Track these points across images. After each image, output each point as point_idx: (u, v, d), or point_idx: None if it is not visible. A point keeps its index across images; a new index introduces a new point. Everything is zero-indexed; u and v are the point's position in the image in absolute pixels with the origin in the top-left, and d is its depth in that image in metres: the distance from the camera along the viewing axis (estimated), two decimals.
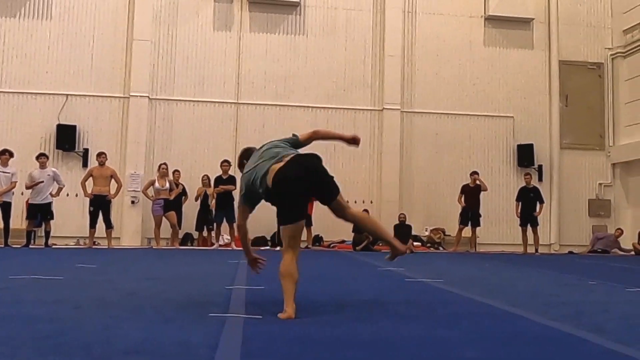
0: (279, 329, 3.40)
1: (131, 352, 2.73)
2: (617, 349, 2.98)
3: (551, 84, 16.04)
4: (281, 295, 5.10)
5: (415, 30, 15.68)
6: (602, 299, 5.38)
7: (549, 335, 3.41)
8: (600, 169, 16.22)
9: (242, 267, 7.70)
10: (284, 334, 3.27)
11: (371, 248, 13.43)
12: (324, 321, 3.73)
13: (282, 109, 15.01)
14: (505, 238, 15.10)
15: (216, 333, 3.15)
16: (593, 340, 3.20)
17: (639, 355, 2.83)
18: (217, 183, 13.35)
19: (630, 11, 16.05)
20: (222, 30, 14.99)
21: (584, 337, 3.30)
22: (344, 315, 3.99)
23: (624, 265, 10.34)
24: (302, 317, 3.87)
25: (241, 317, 3.72)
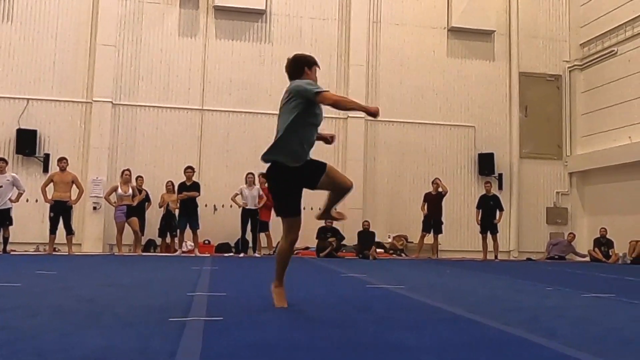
0: (239, 334, 3.41)
1: (88, 359, 2.72)
2: (569, 352, 3.07)
3: (511, 94, 16.43)
4: (243, 300, 5.18)
5: (379, 40, 15.89)
6: (557, 304, 5.53)
7: (505, 340, 3.50)
8: (557, 178, 16.66)
9: (204, 274, 7.71)
10: (244, 339, 3.28)
11: (334, 254, 13.54)
12: (285, 326, 3.76)
13: (247, 115, 15.03)
14: (466, 245, 15.38)
15: (176, 339, 3.15)
16: (546, 345, 3.29)
17: (589, 358, 2.93)
18: (180, 189, 13.29)
19: (587, 25, 16.56)
20: (187, 37, 14.97)
21: (538, 341, 3.38)
22: (305, 321, 4.02)
23: (579, 272, 10.62)
24: (263, 322, 3.90)
25: (201, 323, 3.70)
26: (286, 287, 4.78)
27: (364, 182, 15.16)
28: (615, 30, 15.46)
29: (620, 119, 15.14)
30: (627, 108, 14.92)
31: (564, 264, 13.48)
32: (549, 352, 3.14)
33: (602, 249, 14.79)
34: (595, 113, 16.14)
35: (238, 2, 14.95)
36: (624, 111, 15.01)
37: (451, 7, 16.10)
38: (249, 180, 13.43)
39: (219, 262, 10.66)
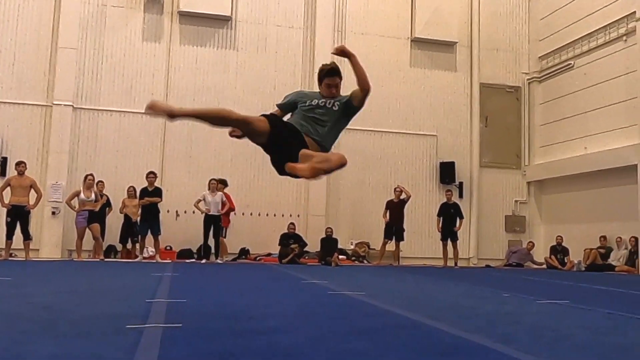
0: (198, 342, 3.38)
1: None
2: (524, 358, 3.12)
3: (472, 105, 16.77)
4: (203, 307, 5.11)
5: None
6: (514, 310, 5.62)
7: (461, 346, 3.52)
8: (516, 187, 17.04)
9: (165, 280, 7.65)
10: (203, 346, 3.25)
11: (297, 261, 13.57)
12: (244, 333, 3.74)
13: None
14: (427, 252, 15.58)
15: (132, 347, 3.09)
16: (502, 351, 3.33)
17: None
18: (142, 195, 13.16)
19: (545, 39, 17.03)
20: (151, 42, 14.85)
21: (494, 347, 3.41)
22: (265, 328, 3.99)
23: (536, 278, 10.82)
24: (224, 328, 3.87)
25: (160, 330, 3.65)
26: (249, 292, 4.74)
27: (327, 190, 15.23)
28: (572, 44, 15.94)
29: (576, 130, 15.58)
30: (583, 120, 15.38)
31: (521, 271, 13.77)
32: (504, 358, 3.17)
33: (558, 256, 15.16)
34: (553, 124, 16.58)
35: (203, 8, 14.91)
36: (580, 123, 15.46)
37: (415, 18, 16.35)
38: (212, 187, 13.38)
39: (181, 268, 10.57)
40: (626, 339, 3.99)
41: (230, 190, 14.22)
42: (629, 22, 14.07)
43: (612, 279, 11.02)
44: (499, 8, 17.29)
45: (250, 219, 14.93)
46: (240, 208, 14.77)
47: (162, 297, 5.52)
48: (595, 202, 14.95)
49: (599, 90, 14.92)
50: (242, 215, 14.84)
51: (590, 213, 15.06)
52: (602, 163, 14.35)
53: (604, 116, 14.68)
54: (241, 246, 14.64)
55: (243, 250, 14.63)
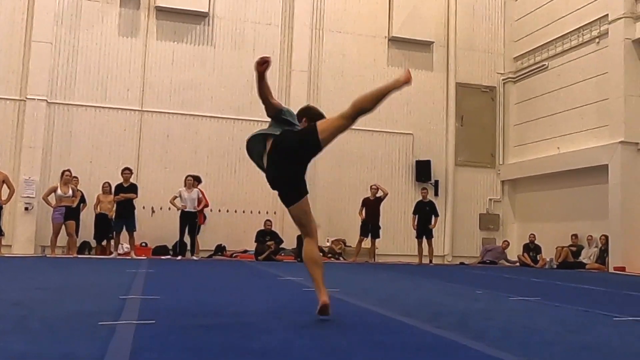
0: (171, 338, 3.37)
1: None
2: (495, 354, 3.18)
3: (448, 104, 16.93)
4: (177, 304, 5.11)
5: (322, 47, 16.07)
6: (487, 307, 5.71)
7: (434, 342, 3.58)
8: (490, 186, 17.25)
9: (139, 277, 7.61)
10: (176, 343, 3.24)
11: (273, 257, 13.59)
12: (218, 329, 3.74)
13: (187, 118, 14.90)
14: (402, 249, 15.70)
15: (104, 344, 3.07)
16: (474, 347, 3.38)
17: (514, 359, 3.05)
18: (117, 191, 13.05)
19: (520, 40, 17.26)
20: (127, 37, 14.71)
21: (466, 343, 3.47)
22: (240, 324, 4.00)
23: (509, 276, 11.01)
24: (198, 325, 3.87)
25: (132, 327, 3.62)
26: (224, 289, 4.75)
27: None
28: (547, 45, 16.18)
29: (549, 131, 15.83)
30: (556, 120, 15.62)
31: (494, 269, 13.95)
32: (476, 354, 3.23)
33: (530, 254, 15.40)
34: (527, 124, 16.82)
35: (180, 4, 14.82)
36: (553, 123, 15.71)
37: (392, 17, 16.45)
38: (188, 183, 13.32)
39: (156, 264, 10.52)
40: (595, 336, 4.09)
41: (207, 186, 14.17)
42: (602, 25, 14.32)
43: (583, 277, 11.21)
44: (475, 9, 17.47)
45: (227, 215, 14.90)
46: (217, 205, 14.73)
47: (136, 294, 5.49)
48: (567, 201, 15.22)
49: (572, 91, 15.18)
50: (219, 212, 14.80)
51: (562, 212, 15.33)
52: (574, 163, 14.60)
53: (577, 117, 14.94)
54: (217, 243, 14.61)
55: (219, 247, 14.60)
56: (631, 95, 13.26)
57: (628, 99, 13.25)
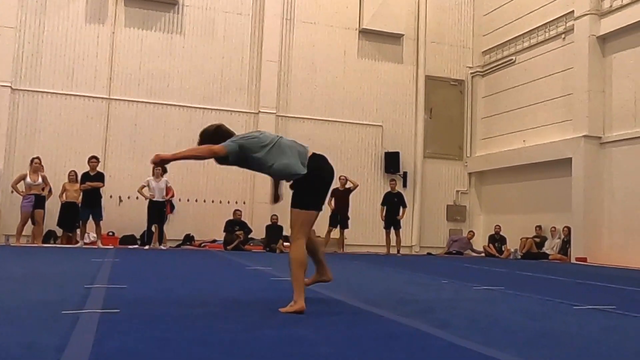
0: (135, 327, 3.34)
1: None
2: (458, 342, 3.25)
3: (417, 97, 17.08)
4: (143, 293, 5.07)
5: (292, 37, 16.05)
6: (451, 296, 5.81)
7: (399, 331, 3.62)
8: (458, 178, 17.50)
9: (105, 266, 7.54)
10: (140, 332, 3.21)
11: (242, 247, 13.59)
12: (184, 319, 3.72)
13: (156, 107, 14.75)
14: (371, 240, 15.83)
15: (67, 333, 3.02)
16: (438, 335, 3.45)
17: (476, 347, 3.13)
18: (84, 179, 12.87)
19: (489, 34, 17.48)
20: (94, 24, 14.46)
21: (430, 332, 3.54)
22: (206, 314, 3.99)
23: (475, 266, 11.19)
24: (163, 315, 3.85)
25: (96, 316, 3.58)
26: (192, 278, 4.72)
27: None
28: (514, 40, 16.43)
29: (516, 124, 16.10)
30: (523, 114, 15.90)
31: (461, 259, 14.18)
32: (440, 342, 3.29)
33: (495, 244, 15.70)
34: (494, 117, 17.08)
35: None
36: (520, 116, 15.98)
37: (363, 9, 16.51)
38: (157, 172, 13.20)
39: (123, 254, 10.43)
40: (555, 324, 4.19)
41: (176, 176, 14.08)
42: (568, 21, 14.60)
43: (546, 267, 11.45)
44: (445, 3, 17.63)
45: (196, 205, 14.83)
46: (186, 194, 14.65)
47: (101, 283, 5.43)
48: (532, 193, 15.53)
49: (538, 85, 15.46)
50: (187, 201, 14.72)
51: (527, 204, 15.64)
52: (539, 156, 14.90)
53: (542, 111, 15.22)
54: (186, 232, 14.54)
55: (187, 236, 14.53)
56: (594, 91, 13.56)
57: (592, 94, 13.55)
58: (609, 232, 13.20)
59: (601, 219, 13.33)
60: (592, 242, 13.32)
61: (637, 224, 12.47)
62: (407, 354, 3.02)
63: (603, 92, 13.56)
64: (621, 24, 13.06)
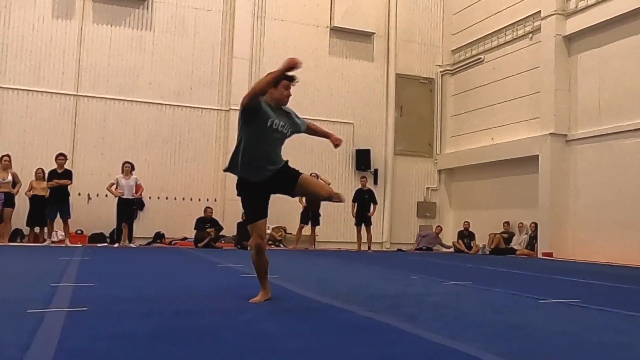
0: (102, 325, 3.31)
1: None
2: (425, 336, 3.32)
3: (388, 94, 17.20)
4: (111, 291, 5.00)
5: (263, 35, 16.01)
6: (420, 291, 5.88)
7: (367, 325, 3.67)
8: (428, 175, 17.69)
9: (73, 264, 7.46)
10: (106, 329, 3.20)
11: (213, 245, 13.53)
12: (152, 316, 3.71)
13: (125, 103, 14.59)
14: (342, 236, 15.93)
15: (32, 332, 3.00)
16: (405, 329, 3.51)
17: (442, 340, 3.19)
18: (51, 177, 12.66)
19: (458, 33, 17.68)
20: (62, 19, 14.22)
21: (399, 326, 3.59)
22: (175, 310, 3.97)
23: (444, 262, 11.34)
24: (129, 312, 3.82)
25: (63, 314, 3.55)
26: (162, 276, 4.70)
27: None
28: (483, 39, 16.65)
29: (484, 122, 16.33)
30: (491, 112, 16.13)
31: (430, 255, 14.35)
32: (407, 336, 3.34)
33: (464, 240, 15.91)
34: (463, 115, 17.30)
35: None
36: (488, 114, 16.22)
37: (334, 7, 16.55)
38: (126, 170, 13.07)
39: (91, 252, 10.31)
40: (521, 317, 4.27)
41: (146, 173, 13.98)
42: (535, 21, 14.85)
43: (513, 262, 11.68)
44: (415, 2, 17.78)
45: (166, 202, 14.72)
46: (156, 192, 14.54)
47: (68, 282, 5.38)
48: (500, 189, 15.78)
49: (506, 84, 15.70)
50: (158, 199, 14.60)
51: (496, 200, 15.88)
52: (507, 153, 15.14)
53: (510, 109, 15.47)
54: (156, 230, 14.42)
55: (158, 234, 14.42)
56: (561, 90, 13.83)
57: (558, 92, 13.81)
58: (574, 227, 13.49)
59: (566, 214, 13.61)
60: (558, 238, 13.59)
61: (601, 220, 12.76)
62: (375, 347, 3.05)
63: (569, 91, 13.83)
64: (586, 24, 13.34)
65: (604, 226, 12.66)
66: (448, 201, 17.72)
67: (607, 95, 12.94)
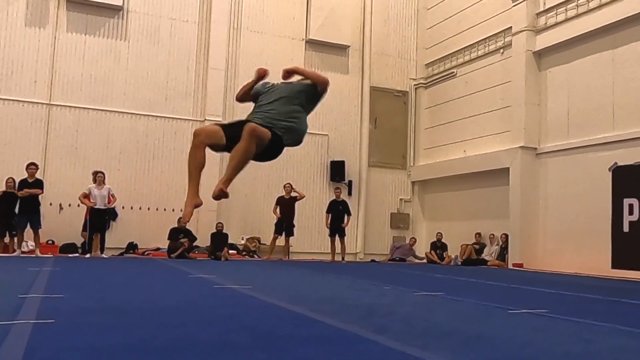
0: (70, 337, 3.27)
1: None
2: (395, 346, 3.32)
3: (362, 107, 17.36)
4: (81, 303, 4.89)
5: (239, 46, 16.06)
6: (391, 301, 5.90)
7: (337, 336, 3.66)
8: (401, 186, 17.85)
9: (42, 275, 7.36)
10: (74, 342, 3.15)
11: (186, 255, 13.46)
12: (121, 328, 3.67)
13: (99, 113, 14.48)
14: (316, 247, 15.96)
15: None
16: (375, 340, 3.50)
17: (412, 351, 3.20)
18: (21, 186, 12.50)
19: (431, 48, 17.94)
20: (35, 27, 14.09)
21: (369, 337, 3.59)
22: (144, 322, 3.94)
23: (416, 272, 11.41)
24: (100, 323, 3.78)
25: (29, 326, 3.48)
26: (134, 287, 4.64)
27: None
28: (456, 54, 16.91)
29: (457, 134, 16.56)
30: (463, 125, 16.37)
31: (403, 265, 14.45)
32: (377, 347, 3.34)
33: (437, 251, 16.06)
34: (437, 128, 17.51)
35: None
36: (461, 127, 16.45)
37: (310, 20, 16.69)
38: (99, 179, 12.96)
39: (62, 262, 10.19)
40: (490, 327, 4.32)
41: (119, 183, 13.88)
42: (506, 36, 15.15)
43: (484, 273, 11.80)
44: (390, 16, 18.01)
45: (139, 213, 14.61)
46: (129, 202, 14.43)
47: (37, 293, 5.29)
48: (472, 201, 15.98)
49: (478, 98, 15.96)
50: (131, 209, 14.49)
51: (468, 211, 16.08)
52: (479, 165, 15.36)
53: (482, 122, 15.72)
54: (129, 240, 14.30)
55: (131, 244, 14.29)
56: (531, 104, 14.11)
57: (528, 106, 14.09)
58: (543, 238, 13.72)
59: (536, 226, 13.84)
60: (528, 249, 13.80)
61: (569, 231, 13.00)
62: (344, 358, 3.06)
63: (539, 105, 14.12)
64: (555, 41, 13.64)
65: (572, 237, 12.89)
66: (421, 212, 17.89)
67: (575, 109, 13.24)
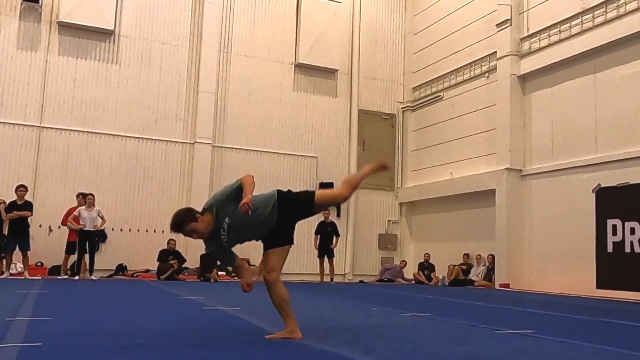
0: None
1: None
2: None
3: (351, 129, 17.57)
4: (68, 326, 4.86)
5: (229, 69, 16.25)
6: (379, 323, 5.91)
7: (325, 358, 3.65)
8: (389, 208, 17.99)
9: (30, 297, 7.32)
10: None
11: (175, 277, 13.47)
12: (108, 350, 3.65)
13: (89, 135, 14.57)
14: (305, 268, 15.98)
15: None
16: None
17: None
18: (10, 208, 12.50)
19: (418, 72, 18.25)
20: (26, 50, 14.22)
21: (356, 358, 3.56)
22: (132, 345, 3.91)
23: (404, 293, 11.45)
24: (85, 346, 3.78)
25: (16, 350, 3.43)
26: (123, 309, 4.55)
27: None
28: (442, 78, 17.21)
29: (444, 157, 16.78)
30: (450, 147, 16.60)
31: (392, 286, 14.47)
32: None
33: (425, 272, 16.15)
34: (424, 150, 17.74)
35: (84, 20, 14.53)
36: (447, 150, 16.68)
37: (299, 44, 16.95)
38: (89, 202, 13.00)
39: (51, 285, 10.16)
40: (477, 348, 4.35)
41: (109, 205, 13.93)
42: (491, 61, 15.46)
43: (471, 293, 11.87)
44: (377, 40, 18.32)
45: (129, 234, 14.63)
46: (119, 224, 14.46)
47: (24, 316, 5.25)
48: (459, 222, 16.14)
49: (464, 120, 16.21)
50: (121, 230, 14.51)
51: (455, 232, 16.23)
52: (466, 187, 15.55)
53: (468, 145, 15.95)
54: (118, 262, 14.30)
55: (120, 266, 14.29)
56: (515, 126, 14.36)
57: (513, 129, 14.34)
58: (529, 259, 13.86)
59: (522, 246, 14.00)
60: (514, 269, 13.93)
61: (554, 251, 13.16)
62: None
63: (523, 128, 14.37)
64: (539, 65, 13.94)
65: (557, 257, 13.05)
66: (409, 233, 18.02)
67: (559, 132, 13.49)
